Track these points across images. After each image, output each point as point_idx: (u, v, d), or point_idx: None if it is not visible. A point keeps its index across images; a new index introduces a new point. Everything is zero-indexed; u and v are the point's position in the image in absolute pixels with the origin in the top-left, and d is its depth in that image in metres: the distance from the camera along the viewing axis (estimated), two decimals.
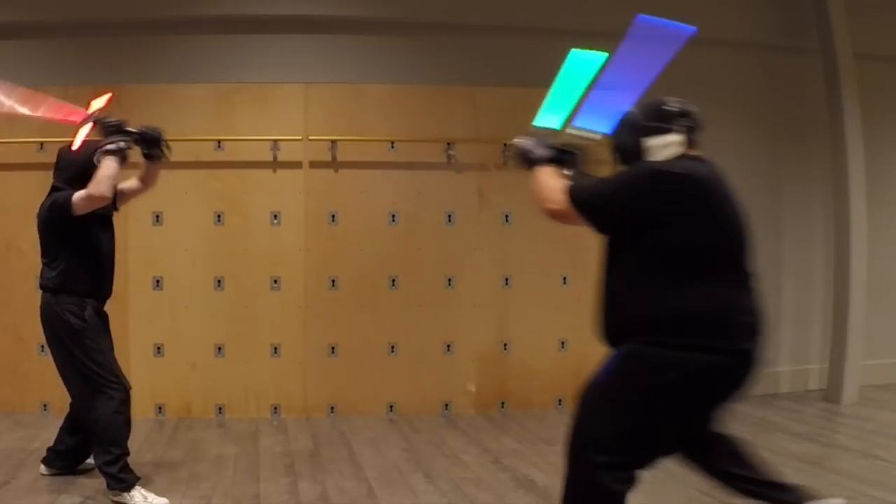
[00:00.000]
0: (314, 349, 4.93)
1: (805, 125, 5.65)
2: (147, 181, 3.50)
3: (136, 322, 4.79)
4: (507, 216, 5.10)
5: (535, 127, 2.61)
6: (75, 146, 3.18)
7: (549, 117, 2.63)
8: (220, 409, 4.88)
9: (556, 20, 5.10)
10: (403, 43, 5.12)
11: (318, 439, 4.38)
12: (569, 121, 2.60)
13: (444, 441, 4.32)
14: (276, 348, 4.92)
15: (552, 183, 2.44)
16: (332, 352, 4.95)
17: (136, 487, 3.21)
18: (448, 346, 5.06)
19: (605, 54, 2.53)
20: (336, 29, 5.00)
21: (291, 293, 4.93)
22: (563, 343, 5.19)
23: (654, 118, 2.40)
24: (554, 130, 2.62)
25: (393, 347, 5.01)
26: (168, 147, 3.33)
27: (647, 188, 2.26)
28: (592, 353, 5.79)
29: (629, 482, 2.26)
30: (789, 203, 5.67)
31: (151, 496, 3.20)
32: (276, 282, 4.92)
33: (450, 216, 5.02)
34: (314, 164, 4.93)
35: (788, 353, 5.69)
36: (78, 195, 3.14)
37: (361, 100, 4.98)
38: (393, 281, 5.01)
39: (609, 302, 2.38)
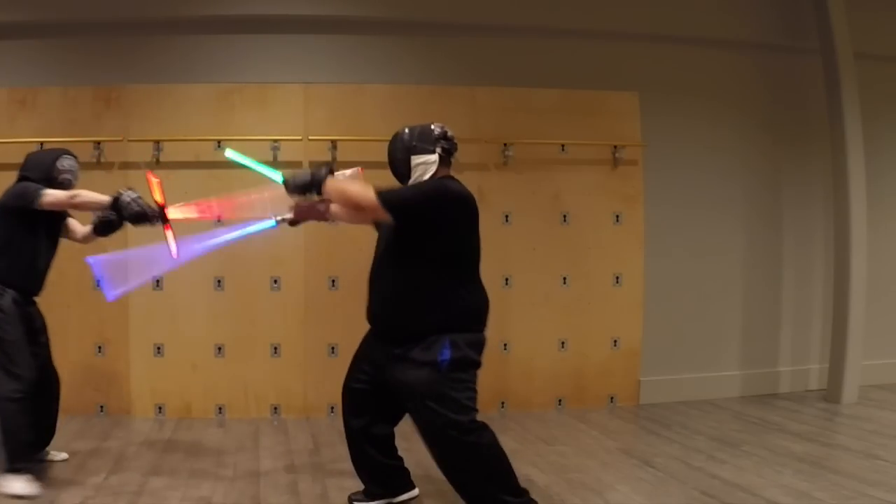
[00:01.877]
0: (314, 349, 4.93)
1: (805, 125, 5.64)
2: (89, 241, 3.70)
3: (136, 322, 4.80)
4: (507, 216, 5.10)
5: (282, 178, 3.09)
6: (173, 251, 3.31)
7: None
8: (220, 409, 4.88)
9: (556, 20, 5.10)
10: (403, 43, 5.11)
11: (318, 439, 4.38)
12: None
13: None
14: (276, 348, 4.92)
15: (356, 188, 2.85)
16: (332, 352, 4.94)
17: (19, 477, 3.22)
18: None
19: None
20: (336, 29, 5.00)
21: (291, 293, 4.93)
22: (562, 343, 5.19)
23: (420, 139, 2.90)
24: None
25: None
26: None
27: (444, 200, 2.77)
28: (592, 353, 5.80)
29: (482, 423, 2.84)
30: (789, 203, 5.67)
31: (27, 487, 3.21)
32: (276, 282, 4.92)
33: None
34: (314, 165, 4.92)
35: (788, 353, 5.69)
36: (54, 192, 3.35)
37: (361, 100, 4.98)
38: None
39: (405, 299, 2.84)
